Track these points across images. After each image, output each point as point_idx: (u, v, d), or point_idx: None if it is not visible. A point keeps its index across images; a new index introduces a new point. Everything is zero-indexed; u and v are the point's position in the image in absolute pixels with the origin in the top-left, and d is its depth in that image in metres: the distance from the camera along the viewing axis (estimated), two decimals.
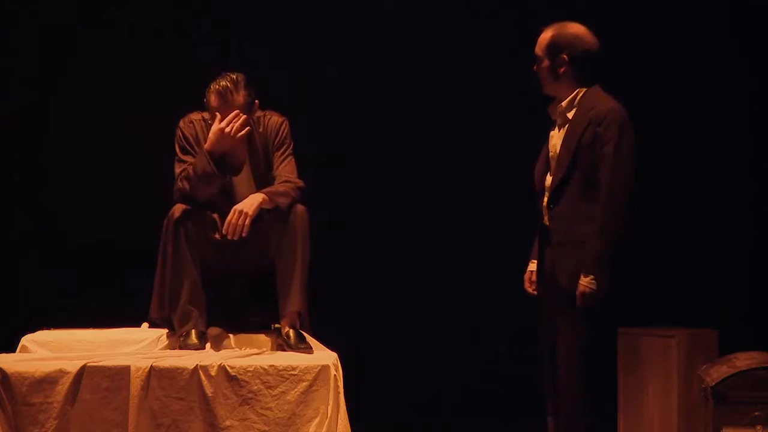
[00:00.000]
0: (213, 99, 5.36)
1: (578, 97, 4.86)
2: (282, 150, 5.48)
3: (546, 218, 4.90)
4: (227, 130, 5.29)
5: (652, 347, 6.08)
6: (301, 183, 5.39)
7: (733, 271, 6.49)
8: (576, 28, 4.88)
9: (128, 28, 6.65)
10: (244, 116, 5.31)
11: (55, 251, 6.57)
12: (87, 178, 6.60)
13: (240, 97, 5.35)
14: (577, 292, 4.70)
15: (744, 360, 5.56)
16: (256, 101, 5.43)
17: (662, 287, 6.43)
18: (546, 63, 4.88)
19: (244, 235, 5.23)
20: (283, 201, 5.30)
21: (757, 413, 5.45)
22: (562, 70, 4.86)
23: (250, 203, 5.25)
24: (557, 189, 4.81)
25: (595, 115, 4.76)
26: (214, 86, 5.36)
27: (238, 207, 5.24)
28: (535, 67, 4.93)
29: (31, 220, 6.61)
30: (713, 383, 5.51)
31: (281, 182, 5.38)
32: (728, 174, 6.58)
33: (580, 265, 4.71)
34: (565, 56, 4.84)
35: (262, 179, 5.44)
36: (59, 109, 6.64)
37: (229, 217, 5.24)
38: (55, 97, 6.64)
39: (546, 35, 4.89)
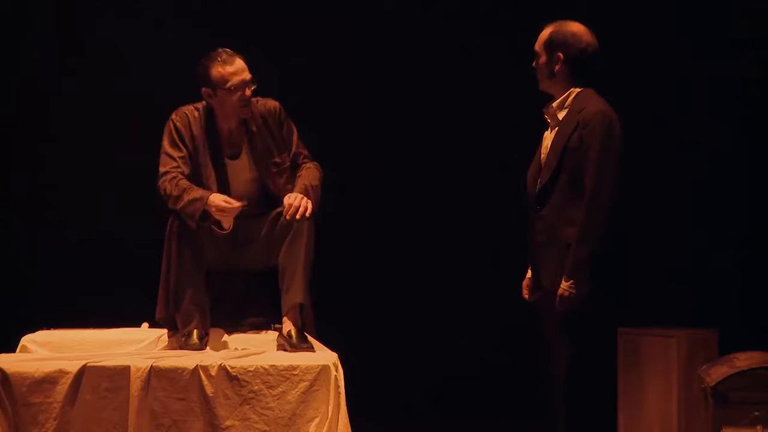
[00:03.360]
0: (225, 66, 5.30)
1: (570, 98, 4.86)
2: (288, 132, 5.49)
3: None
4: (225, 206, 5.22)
5: (652, 347, 6.08)
6: (319, 169, 5.49)
7: (733, 271, 6.49)
8: (575, 27, 4.88)
9: (128, 23, 6.66)
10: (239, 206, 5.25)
11: (56, 251, 6.56)
12: (88, 177, 6.59)
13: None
14: (557, 296, 4.71)
15: (744, 360, 5.57)
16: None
17: (662, 287, 6.43)
18: (543, 59, 4.89)
19: (305, 215, 5.24)
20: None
21: (757, 413, 5.46)
22: (557, 67, 4.86)
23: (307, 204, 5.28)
24: (544, 190, 4.81)
25: (583, 117, 4.75)
26: (218, 54, 5.33)
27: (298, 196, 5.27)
28: (533, 63, 4.94)
29: (32, 220, 6.60)
30: (713, 383, 5.51)
31: (305, 164, 5.47)
32: (728, 173, 6.58)
33: (562, 267, 4.71)
34: (560, 54, 4.84)
35: (262, 164, 5.42)
36: (60, 112, 6.64)
37: (290, 201, 5.24)
38: (56, 98, 6.63)
39: (545, 32, 4.90)
